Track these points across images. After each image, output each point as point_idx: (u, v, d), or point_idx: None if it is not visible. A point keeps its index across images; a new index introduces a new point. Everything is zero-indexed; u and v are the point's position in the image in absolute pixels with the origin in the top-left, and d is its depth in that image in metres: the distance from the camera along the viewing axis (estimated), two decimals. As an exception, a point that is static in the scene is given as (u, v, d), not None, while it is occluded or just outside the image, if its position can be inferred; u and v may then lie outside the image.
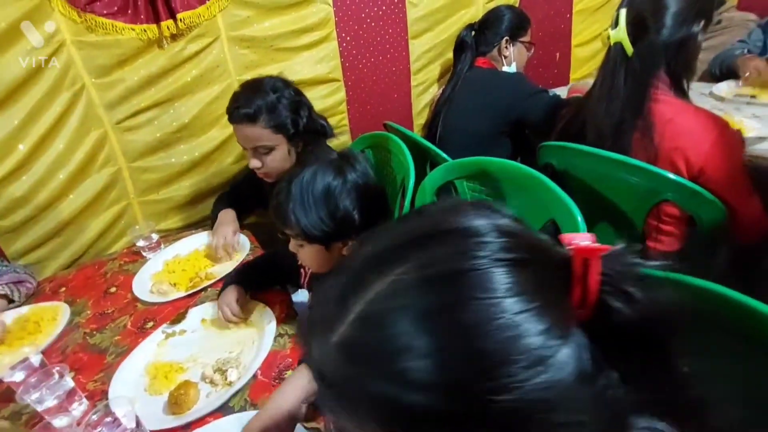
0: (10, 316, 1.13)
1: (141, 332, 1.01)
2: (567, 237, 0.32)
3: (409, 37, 1.68)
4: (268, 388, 0.78)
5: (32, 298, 1.24)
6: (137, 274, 1.23)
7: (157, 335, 0.96)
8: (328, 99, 1.63)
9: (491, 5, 1.80)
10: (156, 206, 1.49)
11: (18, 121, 1.23)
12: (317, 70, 1.56)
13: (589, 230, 0.89)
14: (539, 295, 0.28)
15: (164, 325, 0.97)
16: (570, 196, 0.92)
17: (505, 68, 1.59)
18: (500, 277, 0.28)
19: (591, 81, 1.60)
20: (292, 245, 0.84)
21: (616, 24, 0.96)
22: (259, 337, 0.91)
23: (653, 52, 0.93)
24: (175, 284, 1.15)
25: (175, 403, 0.75)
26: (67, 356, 0.98)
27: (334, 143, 1.29)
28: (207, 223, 1.48)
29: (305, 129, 1.18)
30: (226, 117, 1.16)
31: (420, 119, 1.87)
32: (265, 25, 1.43)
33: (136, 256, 1.35)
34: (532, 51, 1.66)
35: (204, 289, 1.12)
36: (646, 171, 0.95)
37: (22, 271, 1.26)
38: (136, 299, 1.13)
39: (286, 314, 0.97)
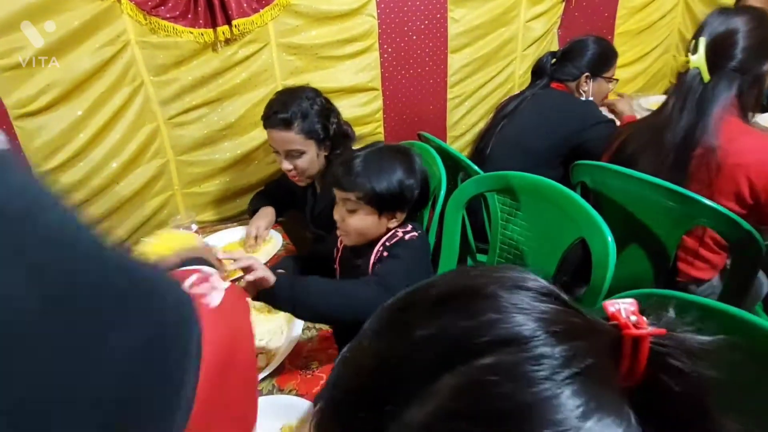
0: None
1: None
2: (610, 306, 0.29)
3: (448, 51, 1.72)
4: (295, 376, 0.82)
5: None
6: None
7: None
8: (365, 107, 1.69)
9: (532, 24, 1.82)
10: (197, 198, 1.57)
11: (82, 112, 1.33)
12: (357, 78, 1.62)
13: (619, 252, 0.90)
14: (605, 399, 0.25)
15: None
16: (601, 215, 0.93)
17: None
18: (569, 402, 0.24)
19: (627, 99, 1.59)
20: (341, 212, 0.94)
21: (694, 50, 0.99)
22: (288, 328, 0.95)
23: (729, 81, 0.98)
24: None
25: None
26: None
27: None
28: (243, 217, 1.55)
29: (334, 134, 1.27)
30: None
31: (454, 131, 1.90)
32: (312, 34, 1.50)
33: (175, 245, 1.43)
34: (614, 85, 1.62)
35: (238, 279, 1.17)
36: (681, 195, 0.95)
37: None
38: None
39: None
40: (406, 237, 0.95)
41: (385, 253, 0.94)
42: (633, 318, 0.28)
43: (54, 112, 1.30)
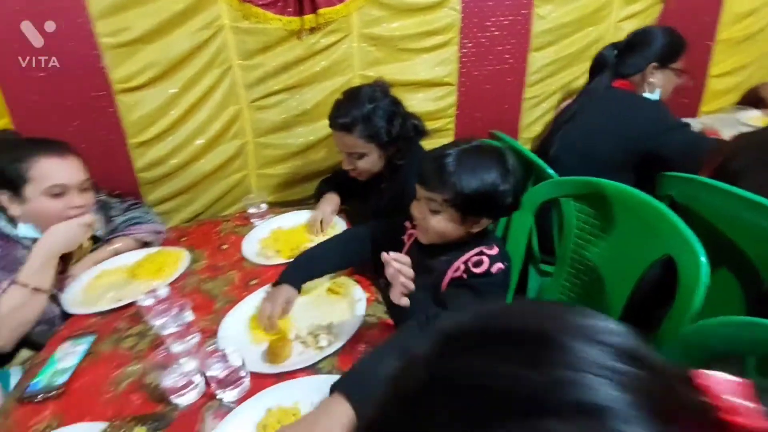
0: (143, 254, 1.32)
1: (246, 288, 1.13)
2: (712, 382, 0.25)
3: (530, 49, 1.66)
4: (355, 358, 0.84)
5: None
6: (246, 236, 1.36)
7: (261, 293, 1.07)
8: (439, 102, 1.67)
9: (623, 24, 1.71)
10: (269, 180, 1.64)
11: (175, 90, 1.44)
12: (434, 72, 1.61)
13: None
14: None
15: (268, 286, 1.08)
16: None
17: (646, 94, 1.45)
18: None
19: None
20: (422, 209, 0.89)
21: None
22: (350, 312, 0.97)
23: None
24: (278, 251, 1.26)
25: (272, 353, 0.83)
26: (185, 295, 1.12)
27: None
28: (309, 202, 1.59)
29: (397, 136, 1.25)
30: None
31: (528, 132, 1.84)
32: (393, 26, 1.51)
33: (245, 221, 1.50)
34: (683, 79, 1.50)
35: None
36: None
37: (159, 221, 1.46)
38: (243, 258, 1.26)
39: (375, 299, 1.03)
40: (493, 269, 0.86)
41: (464, 275, 0.88)
42: (740, 402, 0.24)
43: (152, 88, 1.41)
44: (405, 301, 0.80)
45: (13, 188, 1.08)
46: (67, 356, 0.93)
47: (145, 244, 1.38)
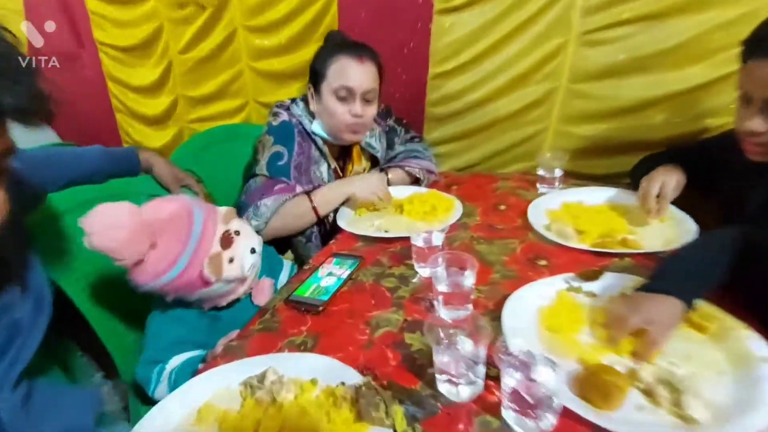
0: (411, 190, 1.20)
1: (531, 266, 0.84)
2: None
3: None
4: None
5: (431, 182, 1.29)
6: (532, 203, 1.07)
7: (557, 281, 0.76)
8: None
9: None
10: (569, 140, 1.28)
11: (489, 17, 1.21)
12: None
13: None
14: None
15: (570, 275, 0.76)
16: None
17: None
18: None
19: None
20: None
21: None
22: (729, 363, 0.56)
23: None
24: (581, 232, 0.92)
25: (599, 391, 0.52)
26: (453, 248, 0.93)
27: None
28: (618, 180, 1.18)
29: None
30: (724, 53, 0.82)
31: None
32: None
33: (528, 184, 1.22)
34: None
35: (620, 255, 0.84)
36: None
37: (434, 161, 1.31)
38: (528, 228, 0.98)
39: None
40: None
41: None
42: None
43: (471, 9, 1.22)
44: None
45: (315, 82, 1.12)
46: (330, 276, 0.85)
47: (415, 182, 1.26)
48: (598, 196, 1.09)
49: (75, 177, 0.93)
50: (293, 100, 1.21)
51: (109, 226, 0.68)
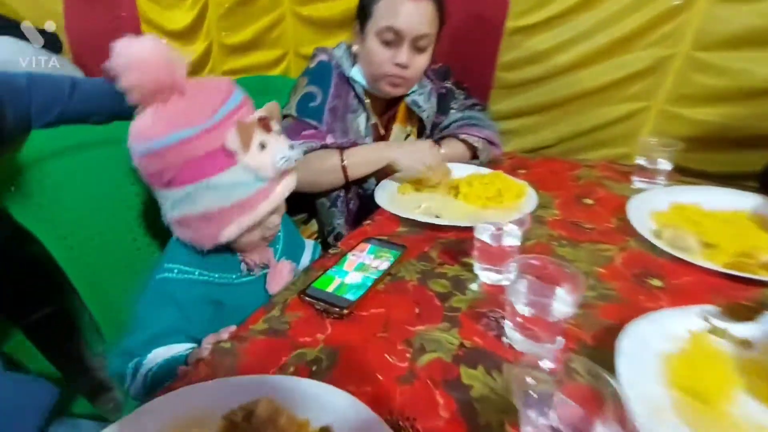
0: (470, 170, 0.98)
1: (640, 286, 0.61)
2: None
3: None
4: None
5: (491, 164, 1.06)
6: (632, 199, 0.82)
7: (689, 316, 0.52)
8: None
9: None
10: (677, 126, 1.01)
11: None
12: None
13: None
14: None
15: (710, 309, 0.52)
16: None
17: None
18: None
19: None
20: None
21: None
22: None
23: None
24: (709, 246, 0.67)
25: None
26: (525, 250, 0.70)
27: None
28: (735, 183, 0.90)
29: None
30: None
31: None
32: None
33: (619, 175, 0.97)
34: None
35: (764, 283, 0.59)
36: None
37: (498, 133, 1.08)
38: (628, 231, 0.74)
39: None
40: None
41: None
42: None
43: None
44: None
45: (362, 20, 0.92)
46: (362, 269, 0.65)
47: (474, 157, 1.04)
48: (722, 199, 0.82)
49: (68, 112, 0.77)
50: (338, 45, 1.01)
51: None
